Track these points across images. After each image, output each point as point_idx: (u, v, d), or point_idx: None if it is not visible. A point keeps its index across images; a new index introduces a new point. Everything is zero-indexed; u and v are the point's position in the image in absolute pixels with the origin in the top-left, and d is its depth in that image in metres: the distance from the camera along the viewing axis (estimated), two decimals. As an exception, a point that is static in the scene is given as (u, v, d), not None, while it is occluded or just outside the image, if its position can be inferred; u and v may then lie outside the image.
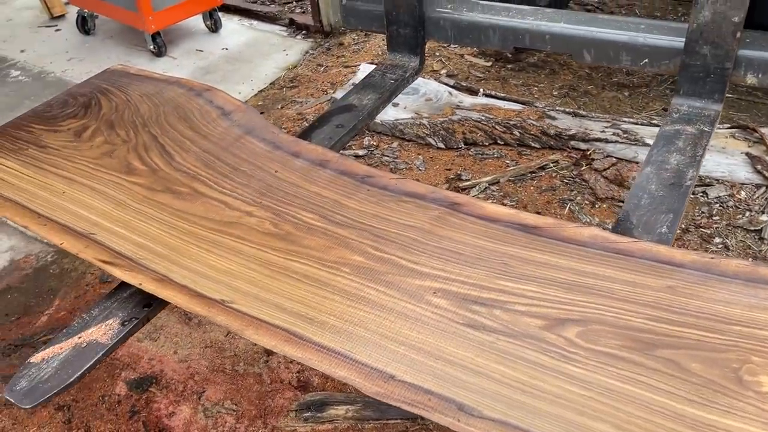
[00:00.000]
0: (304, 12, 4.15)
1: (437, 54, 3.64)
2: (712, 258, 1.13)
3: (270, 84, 3.48)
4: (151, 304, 1.25)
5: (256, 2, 4.33)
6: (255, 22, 4.07)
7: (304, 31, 3.92)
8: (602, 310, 1.08)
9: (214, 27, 3.92)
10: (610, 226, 2.54)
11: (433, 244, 1.25)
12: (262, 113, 3.21)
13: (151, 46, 3.65)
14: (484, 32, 1.88)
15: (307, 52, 3.73)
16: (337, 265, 1.22)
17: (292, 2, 4.32)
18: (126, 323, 1.22)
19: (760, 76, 1.59)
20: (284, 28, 3.97)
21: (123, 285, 1.28)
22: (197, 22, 3.97)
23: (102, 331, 1.20)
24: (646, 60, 1.67)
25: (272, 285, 1.19)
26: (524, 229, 1.26)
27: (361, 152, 2.94)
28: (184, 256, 1.27)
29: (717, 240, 2.42)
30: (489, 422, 0.93)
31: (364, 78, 1.94)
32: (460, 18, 1.91)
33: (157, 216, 1.37)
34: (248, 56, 3.71)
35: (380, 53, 3.69)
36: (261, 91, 3.42)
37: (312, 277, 1.20)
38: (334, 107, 1.79)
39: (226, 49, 3.79)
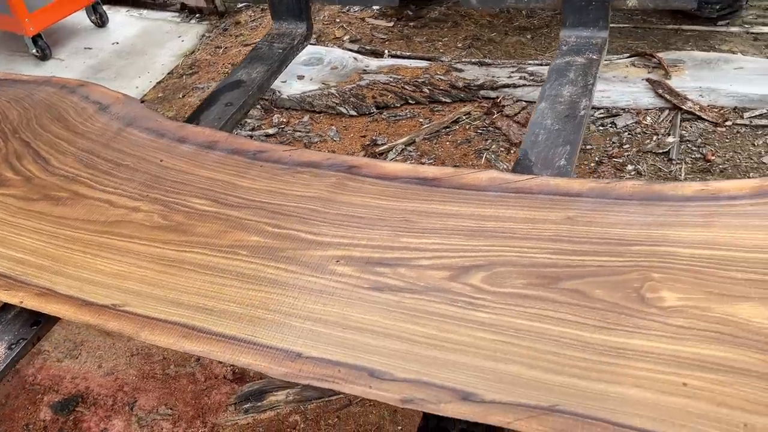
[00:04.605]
0: (195, -6, 3.95)
1: (338, 20, 3.55)
2: (608, 183, 1.13)
3: (168, 74, 3.31)
4: (39, 322, 1.16)
5: (143, -10, 4.10)
6: (144, 11, 3.86)
7: (197, 15, 3.74)
8: (505, 251, 1.06)
9: (101, 21, 3.70)
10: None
11: (332, 211, 1.20)
12: (156, 110, 3.06)
13: (34, 50, 3.41)
14: (368, -12, 1.81)
15: (203, 36, 3.58)
16: (234, 248, 1.15)
17: (181, -14, 4.10)
18: (13, 346, 1.12)
19: (639, -2, 1.60)
20: (176, 14, 3.78)
21: (7, 305, 1.18)
22: (82, 18, 3.73)
23: (-13, 359, 1.10)
24: (530, -4, 1.65)
25: (166, 280, 1.11)
26: (423, 183, 1.22)
27: (271, 131, 2.84)
28: (68, 265, 1.18)
29: (630, 167, 2.47)
30: (402, 384, 0.90)
31: (251, 51, 1.85)
32: (342, -24, 1.83)
33: (36, 227, 1.27)
34: (141, 48, 3.52)
35: (280, 27, 3.57)
36: (159, 82, 3.26)
37: (208, 266, 1.13)
38: (222, 85, 1.70)
39: (117, 43, 3.59)
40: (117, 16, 3.82)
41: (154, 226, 1.23)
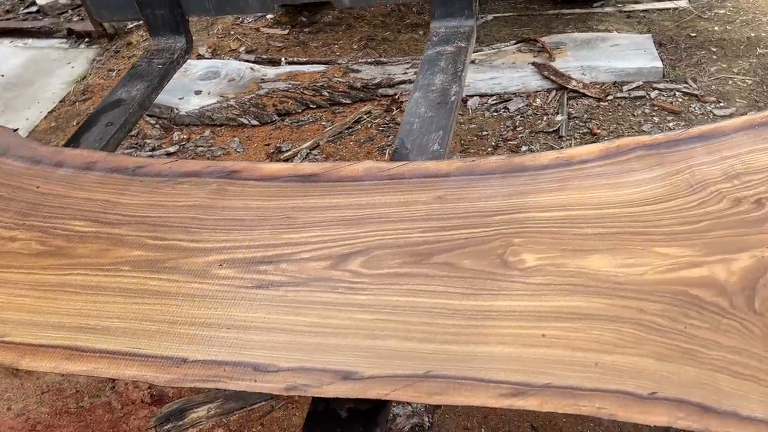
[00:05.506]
0: (82, 19, 3.85)
1: (232, 32, 3.53)
2: (473, 161, 1.19)
3: (60, 102, 3.21)
4: None
5: (26, 19, 3.95)
6: (29, 40, 3.72)
7: (86, 39, 3.64)
8: (381, 235, 1.10)
9: (-18, 55, 3.53)
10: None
11: (214, 217, 1.21)
12: (50, 140, 2.96)
13: None
14: (242, -4, 1.83)
15: (94, 60, 3.48)
16: (116, 265, 1.14)
17: (67, 11, 3.98)
18: None
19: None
20: (64, 41, 3.66)
21: None
22: (-39, 53, 3.56)
23: None
24: (398, -7, 1.71)
25: (47, 305, 1.09)
26: (303, 180, 1.25)
27: (172, 149, 2.81)
28: (-58, 305, 1.13)
29: (524, 148, 2.59)
30: (286, 373, 0.93)
31: (130, 69, 1.83)
32: (215, -13, 1.84)
33: None
34: (29, 78, 3.39)
35: (174, 44, 3.52)
36: (51, 111, 3.15)
37: (89, 286, 1.11)
38: (101, 106, 1.68)
39: (2, 75, 3.44)
40: (0, 47, 3.67)
41: (32, 253, 1.20)
